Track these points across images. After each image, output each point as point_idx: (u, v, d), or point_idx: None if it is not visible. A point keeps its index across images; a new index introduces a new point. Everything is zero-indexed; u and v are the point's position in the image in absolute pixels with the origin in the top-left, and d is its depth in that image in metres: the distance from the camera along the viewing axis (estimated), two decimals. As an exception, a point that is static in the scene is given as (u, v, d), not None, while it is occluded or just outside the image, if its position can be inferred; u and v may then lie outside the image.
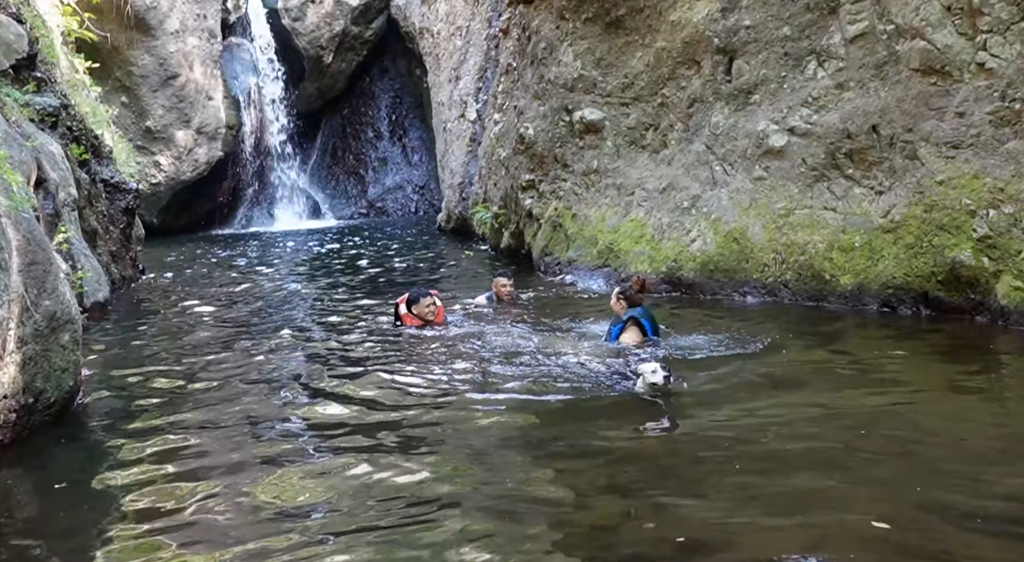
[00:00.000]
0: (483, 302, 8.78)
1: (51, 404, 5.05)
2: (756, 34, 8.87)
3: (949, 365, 5.69)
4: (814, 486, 3.63)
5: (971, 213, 6.78)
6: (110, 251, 11.83)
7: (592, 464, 4.03)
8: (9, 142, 7.35)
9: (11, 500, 4.07)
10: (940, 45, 7.08)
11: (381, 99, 30.92)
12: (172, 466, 4.33)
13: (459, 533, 3.32)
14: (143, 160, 22.05)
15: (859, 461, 3.88)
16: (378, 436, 4.67)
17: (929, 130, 7.20)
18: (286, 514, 3.63)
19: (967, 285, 6.79)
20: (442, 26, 21.47)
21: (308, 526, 3.50)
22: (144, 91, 22.98)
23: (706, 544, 3.15)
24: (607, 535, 3.27)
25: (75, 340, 5.35)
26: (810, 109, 8.34)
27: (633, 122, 10.84)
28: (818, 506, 3.42)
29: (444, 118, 21.33)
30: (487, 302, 8.76)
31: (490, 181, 15.30)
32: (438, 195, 25.13)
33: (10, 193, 5.19)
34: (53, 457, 4.67)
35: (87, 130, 11.90)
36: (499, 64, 15.86)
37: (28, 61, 10.21)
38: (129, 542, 3.44)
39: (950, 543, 3.05)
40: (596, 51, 11.09)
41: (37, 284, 5.04)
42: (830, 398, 4.97)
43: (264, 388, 5.99)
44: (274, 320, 9.17)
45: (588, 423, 4.69)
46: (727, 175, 9.31)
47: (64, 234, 8.69)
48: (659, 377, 5.03)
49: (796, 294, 8.19)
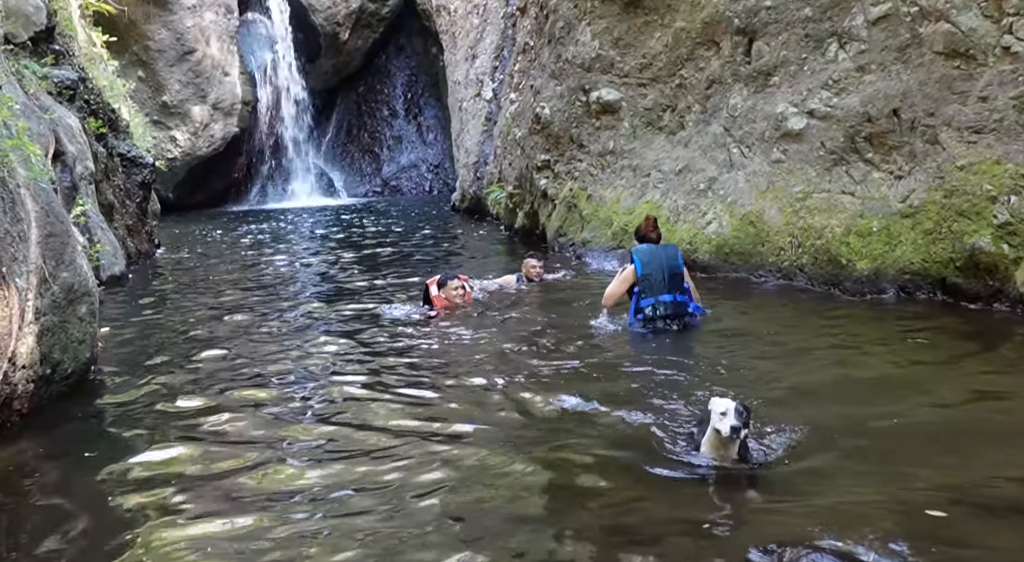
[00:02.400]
0: (512, 282, 8.85)
1: (68, 375, 5.10)
2: (777, 15, 8.76)
3: (967, 351, 5.65)
4: (812, 470, 3.63)
5: (992, 199, 6.70)
6: (126, 225, 11.90)
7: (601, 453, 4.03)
8: (28, 114, 7.38)
9: (30, 468, 4.12)
10: (965, 28, 6.97)
11: (397, 77, 30.84)
12: (185, 438, 4.38)
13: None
14: (159, 135, 22.13)
15: (870, 445, 3.87)
16: (394, 421, 4.69)
17: (951, 114, 7.11)
18: (296, 491, 3.66)
19: (986, 272, 6.72)
20: (459, 4, 21.32)
21: (318, 506, 3.52)
22: (161, 66, 23.01)
23: (729, 526, 3.15)
24: (620, 515, 3.28)
25: (92, 312, 5.40)
26: (830, 92, 8.24)
27: (650, 103, 10.76)
28: (832, 490, 3.41)
29: (460, 97, 21.24)
30: (516, 282, 8.89)
31: (505, 161, 15.25)
32: (452, 174, 25.10)
33: (29, 165, 5.21)
34: (70, 427, 4.72)
35: (104, 104, 11.93)
36: (516, 43, 15.75)
37: (46, 34, 10.23)
38: (142, 512, 3.48)
39: (957, 528, 3.04)
40: (614, 31, 10.99)
41: (55, 256, 5.07)
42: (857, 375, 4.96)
43: (278, 363, 6.02)
44: (288, 296, 9.21)
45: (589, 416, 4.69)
46: (744, 158, 9.24)
47: (81, 207, 8.73)
48: (725, 425, 3.48)
49: (812, 278, 8.14)
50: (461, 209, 19.89)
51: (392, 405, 4.88)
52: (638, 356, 5.90)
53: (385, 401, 4.96)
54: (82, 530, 3.40)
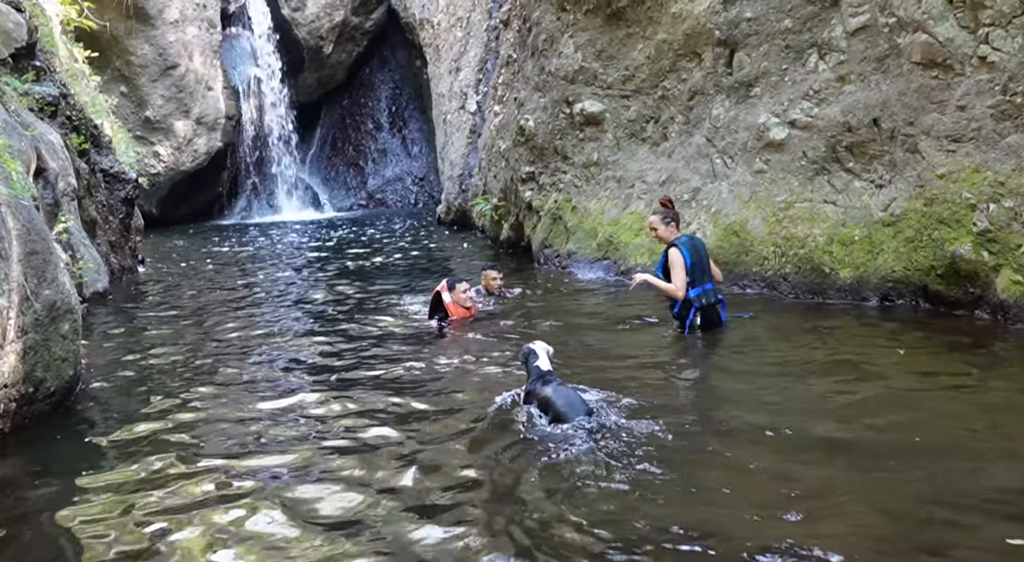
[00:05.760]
0: (471, 295, 8.62)
1: (51, 393, 5.05)
2: (757, 26, 8.85)
3: (945, 358, 5.70)
4: (809, 476, 3.64)
5: (971, 207, 6.77)
6: (109, 241, 11.83)
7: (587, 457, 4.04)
8: (9, 131, 7.33)
9: (10, 489, 4.08)
10: (942, 38, 7.06)
11: (381, 90, 30.89)
12: (170, 457, 4.34)
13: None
14: (142, 150, 22.03)
15: (859, 452, 3.89)
16: (383, 437, 4.67)
17: (930, 123, 7.19)
18: (284, 507, 3.64)
19: (967, 279, 6.79)
20: (442, 17, 21.41)
21: (308, 527, 3.51)
22: (143, 81, 22.93)
23: (706, 533, 3.16)
24: (609, 525, 3.28)
25: (75, 330, 5.36)
26: (811, 102, 8.32)
27: (634, 114, 10.82)
28: (813, 496, 3.43)
29: (444, 109, 21.29)
30: (476, 295, 8.43)
31: (490, 173, 15.28)
32: (438, 187, 25.12)
33: (10, 182, 5.18)
34: (53, 446, 4.68)
35: (86, 120, 11.87)
36: (499, 55, 15.82)
37: (27, 50, 10.18)
38: (126, 532, 3.45)
39: (945, 534, 3.07)
40: (597, 43, 11.06)
41: (37, 273, 5.04)
42: (826, 387, 4.99)
43: (264, 378, 6.00)
44: (273, 310, 9.18)
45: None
46: (727, 168, 9.30)
47: (64, 224, 8.67)
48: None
49: (796, 287, 8.19)
50: (447, 221, 19.90)
51: (393, 425, 4.86)
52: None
53: (387, 421, 4.94)
54: (63, 551, 3.36)
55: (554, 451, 4.08)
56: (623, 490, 3.59)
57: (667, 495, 3.53)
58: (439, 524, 3.37)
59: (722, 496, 3.51)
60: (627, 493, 3.56)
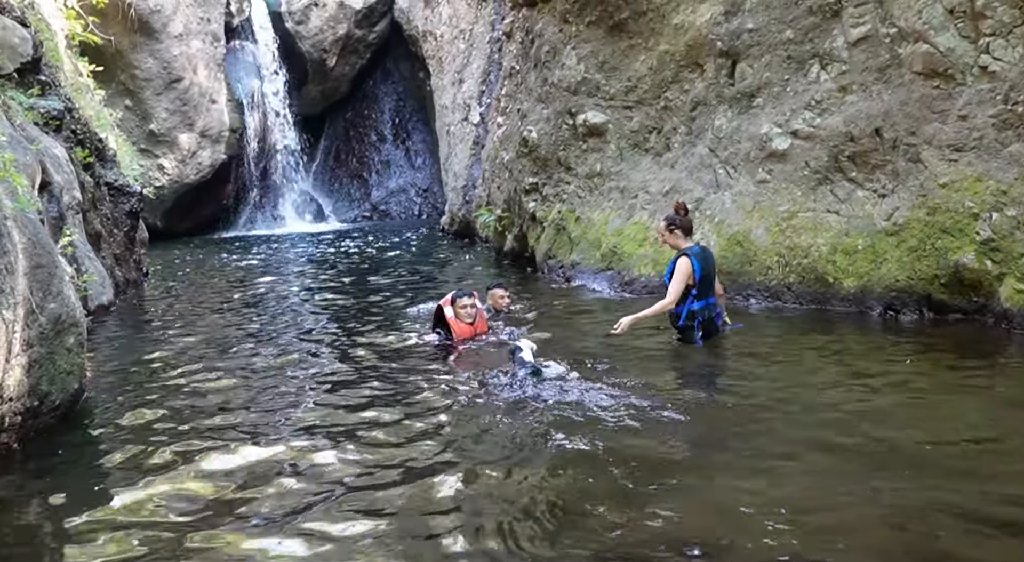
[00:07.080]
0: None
1: (56, 407, 5.06)
2: (759, 37, 8.88)
3: (951, 366, 5.69)
4: (815, 486, 3.64)
5: (974, 216, 6.78)
6: (114, 254, 11.86)
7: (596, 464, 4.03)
8: (14, 145, 7.38)
9: (17, 502, 4.08)
10: (943, 48, 7.09)
11: (384, 102, 30.97)
12: (176, 470, 4.34)
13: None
14: (147, 163, 22.09)
15: (865, 461, 3.89)
16: (383, 451, 4.68)
17: (932, 133, 7.20)
18: (285, 522, 3.64)
19: (970, 288, 6.79)
20: (445, 29, 21.51)
21: (311, 533, 3.51)
22: (148, 94, 23.02)
23: (709, 543, 3.15)
24: (614, 533, 3.27)
25: (80, 343, 5.37)
26: (813, 112, 8.34)
27: (636, 125, 10.85)
28: (819, 508, 3.42)
29: (447, 121, 21.35)
30: (487, 314, 8.40)
31: (493, 184, 15.32)
32: (441, 198, 25.15)
33: (16, 196, 5.21)
34: (58, 460, 4.68)
35: (91, 133, 11.92)
36: (502, 67, 15.87)
37: (33, 64, 10.23)
38: (132, 546, 3.45)
39: (951, 544, 3.05)
40: (599, 54, 11.11)
41: (42, 287, 5.06)
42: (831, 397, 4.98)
43: (269, 391, 6.00)
44: (278, 322, 9.19)
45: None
46: (730, 178, 9.31)
47: (68, 237, 8.71)
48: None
49: (799, 297, 8.18)
50: (450, 232, 19.93)
51: (397, 446, 4.86)
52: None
53: (391, 441, 4.95)
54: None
55: (552, 456, 4.08)
56: (625, 498, 3.59)
57: (670, 505, 3.52)
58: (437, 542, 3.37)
59: (725, 506, 3.51)
60: (629, 503, 3.55)
